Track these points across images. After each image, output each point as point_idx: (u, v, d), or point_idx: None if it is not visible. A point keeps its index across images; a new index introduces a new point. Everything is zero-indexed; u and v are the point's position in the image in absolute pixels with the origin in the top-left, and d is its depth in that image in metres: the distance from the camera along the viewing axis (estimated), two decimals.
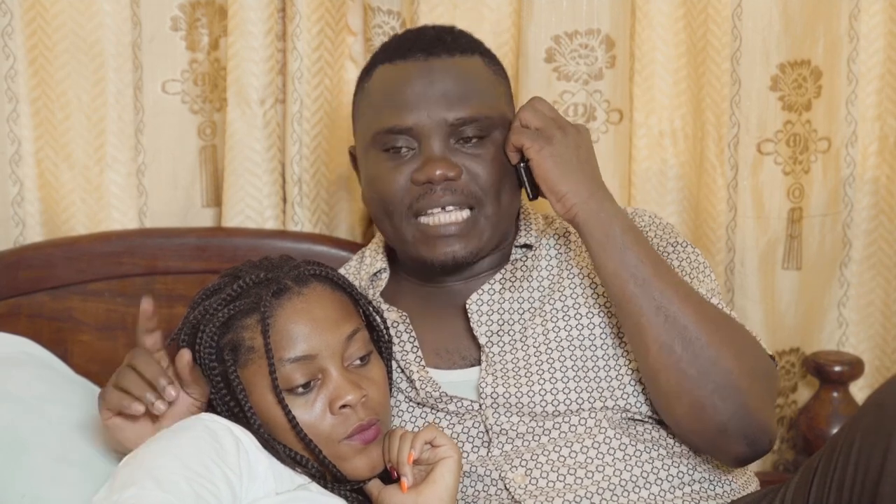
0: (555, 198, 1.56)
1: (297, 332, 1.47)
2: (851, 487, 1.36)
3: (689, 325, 1.51)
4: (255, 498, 1.39)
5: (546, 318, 1.63)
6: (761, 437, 1.53)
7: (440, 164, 1.59)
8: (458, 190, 1.60)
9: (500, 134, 1.62)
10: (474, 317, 1.63)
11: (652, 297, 1.52)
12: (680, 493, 1.55)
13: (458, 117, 1.60)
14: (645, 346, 1.52)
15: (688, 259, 1.65)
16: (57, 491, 1.57)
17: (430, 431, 1.47)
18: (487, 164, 1.61)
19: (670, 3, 2.01)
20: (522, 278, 1.66)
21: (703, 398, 1.50)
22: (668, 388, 1.52)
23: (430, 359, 1.65)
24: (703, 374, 1.50)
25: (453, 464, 1.46)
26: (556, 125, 1.58)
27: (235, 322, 1.48)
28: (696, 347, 1.50)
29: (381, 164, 1.62)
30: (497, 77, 1.67)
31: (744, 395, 1.51)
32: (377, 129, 1.62)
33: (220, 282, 1.54)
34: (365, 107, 1.66)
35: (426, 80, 1.61)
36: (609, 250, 1.54)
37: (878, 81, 2.07)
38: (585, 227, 1.55)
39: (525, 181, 1.62)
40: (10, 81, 1.99)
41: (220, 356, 1.48)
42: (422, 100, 1.60)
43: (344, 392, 1.46)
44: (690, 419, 1.52)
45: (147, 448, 1.40)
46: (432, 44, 1.64)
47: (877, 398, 1.39)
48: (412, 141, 1.60)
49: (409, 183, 1.60)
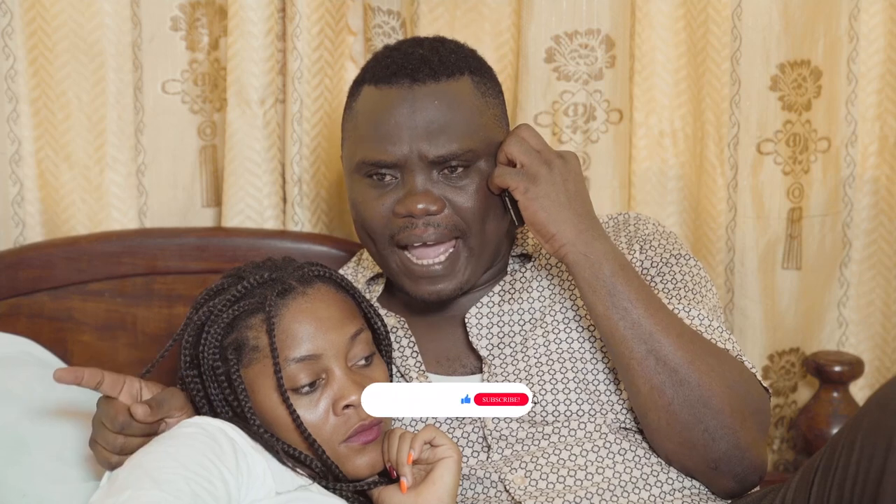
0: (543, 239, 1.54)
1: (302, 331, 1.47)
2: (853, 487, 1.36)
3: (681, 366, 1.50)
4: (256, 498, 1.39)
5: (547, 329, 1.62)
6: (751, 474, 1.54)
7: (422, 199, 1.56)
8: (441, 224, 1.57)
9: (485, 164, 1.59)
10: (473, 330, 1.63)
11: (642, 340, 1.50)
12: (679, 494, 1.55)
13: (440, 154, 1.56)
14: (635, 386, 1.52)
15: (689, 273, 1.64)
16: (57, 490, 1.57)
17: (429, 431, 1.47)
18: (472, 196, 1.58)
19: (670, 3, 2.01)
20: (522, 289, 1.65)
21: (694, 439, 1.50)
22: (659, 427, 1.52)
23: (429, 365, 1.65)
24: (693, 415, 1.50)
25: (453, 464, 1.46)
26: (542, 160, 1.55)
27: (240, 322, 1.48)
28: (686, 389, 1.49)
29: (365, 192, 1.60)
30: (485, 98, 1.62)
31: (735, 435, 1.51)
32: (360, 158, 1.59)
33: (223, 282, 1.54)
34: (350, 129, 1.64)
35: (409, 111, 1.56)
36: (598, 292, 1.52)
37: (878, 81, 2.07)
38: (574, 269, 1.53)
39: (511, 210, 1.60)
40: (10, 81, 1.99)
41: (223, 356, 1.49)
42: (405, 132, 1.56)
43: (348, 392, 1.46)
44: (681, 455, 1.53)
45: (144, 451, 1.41)
46: (418, 68, 1.58)
47: (878, 398, 1.38)
48: (395, 171, 1.58)
49: (391, 213, 1.58)
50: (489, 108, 1.62)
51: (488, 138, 1.59)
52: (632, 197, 2.06)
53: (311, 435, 1.45)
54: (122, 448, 1.46)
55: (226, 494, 1.35)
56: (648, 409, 1.52)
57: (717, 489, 1.55)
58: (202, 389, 1.50)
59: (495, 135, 1.61)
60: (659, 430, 1.52)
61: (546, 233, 1.53)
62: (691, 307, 1.59)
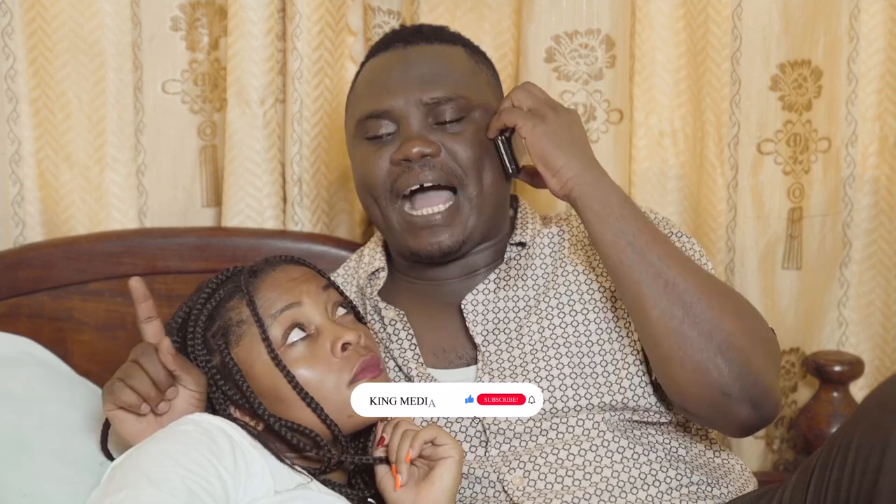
0: (550, 173, 1.57)
1: (277, 290, 1.52)
2: (849, 487, 1.36)
3: (689, 289, 1.51)
4: (254, 497, 1.39)
5: (542, 315, 1.63)
6: (766, 399, 1.51)
7: (416, 142, 1.61)
8: (437, 166, 1.61)
9: (480, 115, 1.64)
10: (469, 316, 1.64)
11: (650, 263, 1.52)
12: (678, 494, 1.55)
13: (434, 97, 1.63)
14: (645, 312, 1.52)
15: (684, 246, 1.65)
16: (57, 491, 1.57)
17: (431, 430, 1.48)
18: (467, 143, 1.63)
19: (670, 3, 2.01)
20: (517, 277, 1.66)
21: (706, 360, 1.49)
22: (671, 353, 1.51)
23: (427, 358, 1.66)
24: (704, 335, 1.49)
25: (454, 464, 1.46)
26: (549, 106, 1.60)
27: (220, 309, 1.53)
28: (696, 310, 1.50)
29: (365, 152, 1.65)
30: (479, 66, 1.70)
31: (747, 356, 1.50)
32: (359, 116, 1.66)
33: (190, 297, 1.58)
34: (351, 98, 1.72)
35: (403, 66, 1.65)
36: (606, 220, 1.54)
37: (878, 81, 2.07)
38: (582, 200, 1.55)
39: (504, 155, 1.63)
40: (10, 81, 1.99)
41: (209, 347, 1.51)
42: (398, 83, 1.64)
43: (342, 333, 1.50)
44: (694, 384, 1.51)
45: (141, 449, 1.41)
46: (412, 34, 1.70)
47: (874, 398, 1.39)
48: (391, 125, 1.63)
49: (389, 165, 1.63)
50: (483, 73, 1.70)
51: (482, 94, 1.66)
52: (632, 197, 2.05)
53: (306, 390, 1.47)
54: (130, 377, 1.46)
55: (223, 493, 1.35)
56: (660, 336, 1.51)
57: (735, 423, 1.53)
58: None
59: (489, 97, 1.67)
60: (671, 358, 1.51)
61: (553, 165, 1.56)
62: None
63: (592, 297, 1.63)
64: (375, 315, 1.69)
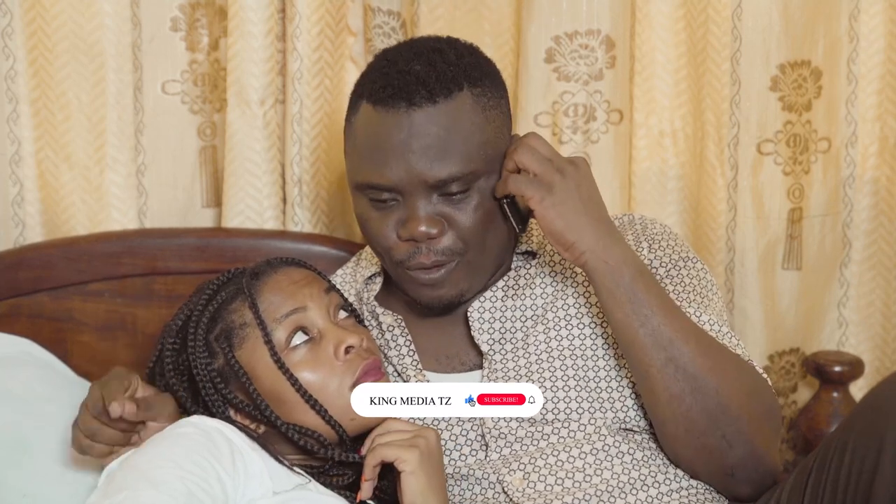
0: (562, 248, 1.53)
1: (280, 294, 1.52)
2: (846, 489, 1.36)
3: (700, 373, 1.49)
4: (253, 498, 1.39)
5: (548, 325, 1.62)
6: (767, 479, 1.54)
7: (423, 222, 1.55)
8: (443, 244, 1.57)
9: (485, 181, 1.57)
10: (475, 325, 1.63)
11: (662, 347, 1.50)
12: (677, 495, 1.55)
13: (438, 178, 1.54)
14: (655, 395, 1.51)
15: (697, 276, 1.64)
16: (57, 491, 1.57)
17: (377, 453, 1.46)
18: (472, 213, 1.57)
19: (670, 4, 2.01)
20: (525, 286, 1.65)
21: (711, 445, 1.50)
22: (676, 435, 1.52)
23: (428, 362, 1.65)
24: (712, 422, 1.49)
25: (407, 476, 1.44)
26: (554, 168, 1.53)
27: (221, 312, 1.52)
28: (705, 396, 1.49)
29: (368, 210, 1.60)
30: (486, 113, 1.58)
31: (752, 441, 1.51)
32: (360, 181, 1.58)
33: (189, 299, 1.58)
34: (350, 147, 1.62)
35: (406, 136, 1.53)
36: (618, 299, 1.51)
37: (878, 82, 2.07)
38: (594, 276, 1.53)
39: (511, 218, 1.59)
40: (10, 82, 1.99)
41: (211, 351, 1.51)
42: (401, 157, 1.53)
43: (345, 336, 1.50)
44: (698, 463, 1.53)
45: (140, 451, 1.41)
46: (414, 91, 1.54)
47: (870, 399, 1.39)
48: (395, 194, 1.57)
49: (395, 235, 1.58)
50: (490, 121, 1.58)
51: (489, 155, 1.57)
52: (632, 197, 2.06)
53: (309, 392, 1.47)
54: (94, 434, 1.46)
55: (222, 494, 1.35)
56: (667, 419, 1.52)
57: (732, 495, 1.56)
58: (191, 396, 1.52)
59: (497, 148, 1.59)
60: (677, 439, 1.52)
61: (565, 241, 1.52)
62: (701, 312, 1.59)
63: (600, 311, 1.62)
64: (373, 320, 1.68)
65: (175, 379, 1.52)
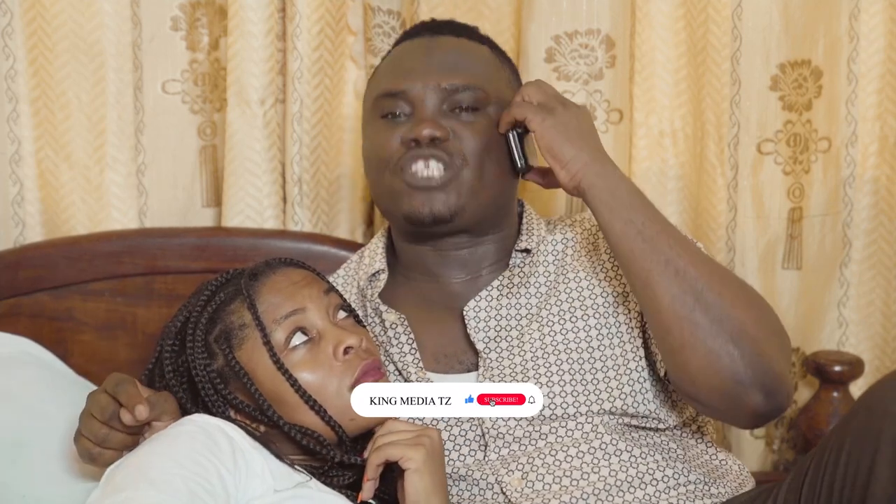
0: (559, 165, 1.58)
1: (279, 295, 1.52)
2: (842, 489, 1.36)
3: (700, 276, 1.51)
4: (254, 496, 1.39)
5: (543, 323, 1.63)
6: (778, 387, 1.50)
7: (428, 124, 1.62)
8: (444, 150, 1.63)
9: (494, 111, 1.66)
10: (471, 323, 1.64)
11: (661, 252, 1.52)
12: (675, 493, 1.56)
13: (452, 84, 1.64)
14: (656, 300, 1.51)
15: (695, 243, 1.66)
16: (56, 491, 1.57)
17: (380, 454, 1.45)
18: (477, 133, 1.64)
19: (670, 3, 2.01)
20: (520, 284, 1.66)
21: (718, 347, 1.48)
22: (682, 341, 1.50)
23: (427, 363, 1.65)
24: (716, 322, 1.49)
25: (412, 475, 1.43)
26: (558, 100, 1.62)
27: (220, 313, 1.53)
28: (707, 298, 1.50)
29: (378, 129, 1.67)
30: (502, 66, 1.72)
31: (758, 344, 1.49)
32: (376, 93, 1.68)
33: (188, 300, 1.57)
34: (372, 78, 1.74)
35: (426, 51, 1.68)
36: (616, 210, 1.55)
37: (878, 81, 2.07)
38: (591, 191, 1.56)
39: (515, 150, 1.65)
40: (10, 81, 1.99)
41: (211, 352, 1.51)
42: (419, 68, 1.66)
43: (345, 336, 1.50)
44: (705, 371, 1.49)
45: (141, 450, 1.41)
46: (441, 26, 1.75)
47: (866, 400, 1.39)
48: (406, 106, 1.65)
49: (399, 144, 1.64)
50: (504, 71, 1.72)
51: (500, 90, 1.68)
52: None
53: (309, 393, 1.47)
54: (105, 440, 1.46)
55: (224, 492, 1.35)
56: (671, 324, 1.50)
57: (747, 412, 1.51)
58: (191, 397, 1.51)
59: (507, 94, 1.68)
60: (683, 346, 1.50)
61: (562, 157, 1.57)
62: None
63: (595, 302, 1.63)
64: (376, 318, 1.69)
65: (174, 380, 1.52)
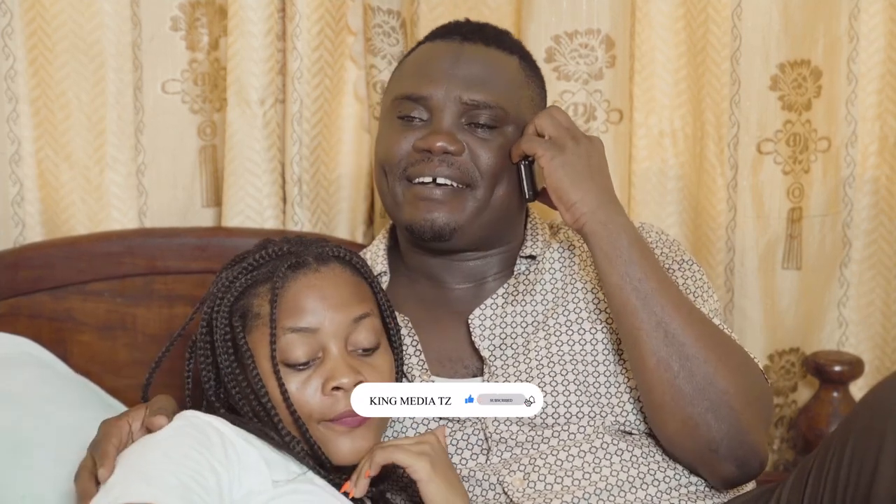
0: (564, 207, 1.56)
1: (304, 304, 1.48)
2: (845, 488, 1.36)
3: (688, 342, 1.51)
4: (251, 488, 1.39)
5: (549, 332, 1.63)
6: (752, 459, 1.54)
7: (443, 137, 1.60)
8: (455, 165, 1.61)
9: (512, 131, 1.64)
10: (476, 331, 1.63)
11: (653, 312, 1.52)
12: (676, 493, 1.56)
13: (473, 99, 1.62)
14: (642, 359, 1.52)
15: (692, 277, 1.65)
16: (57, 491, 1.57)
17: (386, 453, 1.43)
18: (492, 152, 1.62)
19: (670, 3, 2.01)
20: (525, 292, 1.65)
21: (697, 416, 1.51)
22: (663, 403, 1.52)
23: (431, 366, 1.65)
24: (698, 391, 1.50)
25: (425, 485, 1.41)
26: (570, 135, 1.59)
27: (249, 290, 1.51)
28: (693, 365, 1.50)
29: (392, 130, 1.65)
30: (529, 81, 1.69)
31: (738, 416, 1.51)
32: (396, 93, 1.66)
33: (248, 251, 1.56)
34: (395, 74, 1.72)
35: (453, 59, 1.65)
36: (614, 262, 1.54)
37: (878, 81, 2.07)
38: (592, 238, 1.55)
39: (524, 180, 1.62)
40: (10, 81, 1.99)
41: (230, 321, 1.50)
42: (443, 75, 1.63)
43: (339, 374, 1.47)
44: (682, 435, 1.53)
45: (133, 448, 1.41)
46: (472, 31, 1.69)
47: (869, 399, 1.39)
48: (425, 112, 1.63)
49: (411, 148, 1.62)
50: (529, 89, 1.68)
51: (520, 110, 1.65)
52: (632, 197, 2.06)
53: (297, 410, 1.45)
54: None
55: (216, 485, 1.35)
56: (654, 384, 1.52)
57: (718, 477, 1.55)
58: (211, 356, 1.51)
59: (528, 115, 1.66)
60: (663, 407, 1.52)
61: (568, 200, 1.56)
62: (700, 305, 1.61)
63: (600, 316, 1.63)
64: None
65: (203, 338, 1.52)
